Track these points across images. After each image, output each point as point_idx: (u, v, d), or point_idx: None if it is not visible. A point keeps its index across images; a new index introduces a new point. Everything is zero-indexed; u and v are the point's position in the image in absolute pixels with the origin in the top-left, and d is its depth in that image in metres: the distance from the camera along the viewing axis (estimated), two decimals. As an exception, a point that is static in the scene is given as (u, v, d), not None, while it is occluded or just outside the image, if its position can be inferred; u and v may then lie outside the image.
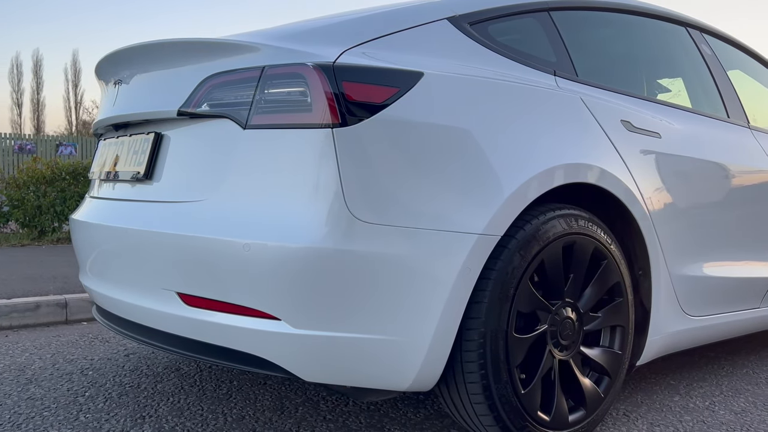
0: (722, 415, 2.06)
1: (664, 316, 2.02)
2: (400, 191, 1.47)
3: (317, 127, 1.44)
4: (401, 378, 1.51)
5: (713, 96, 2.53)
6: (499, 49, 1.84)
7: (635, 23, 2.44)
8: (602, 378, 1.83)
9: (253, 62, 1.56)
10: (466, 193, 1.54)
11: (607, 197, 1.85)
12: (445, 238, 1.49)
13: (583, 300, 1.78)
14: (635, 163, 1.93)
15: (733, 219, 2.30)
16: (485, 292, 1.54)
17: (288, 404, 2.06)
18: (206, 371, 2.41)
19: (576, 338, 1.75)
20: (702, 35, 2.63)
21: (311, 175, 1.43)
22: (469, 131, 1.59)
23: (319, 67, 1.47)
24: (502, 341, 1.57)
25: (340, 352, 1.45)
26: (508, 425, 1.60)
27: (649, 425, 1.95)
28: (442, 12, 1.81)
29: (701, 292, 2.16)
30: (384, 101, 1.49)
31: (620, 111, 1.99)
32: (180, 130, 1.71)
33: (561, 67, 1.97)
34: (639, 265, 1.96)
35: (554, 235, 1.66)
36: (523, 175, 1.61)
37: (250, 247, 1.42)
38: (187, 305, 1.55)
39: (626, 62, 2.45)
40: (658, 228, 1.96)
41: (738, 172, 2.33)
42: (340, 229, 1.40)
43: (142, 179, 1.76)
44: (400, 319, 1.46)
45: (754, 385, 2.40)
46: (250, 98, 1.53)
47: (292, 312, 1.42)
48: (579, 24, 2.18)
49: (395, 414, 1.99)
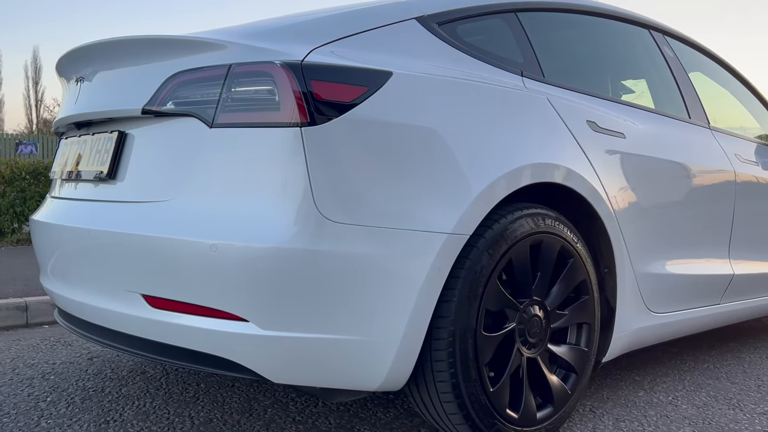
0: (685, 410, 2.10)
1: (628, 314, 2.06)
2: (369, 191, 1.46)
3: (285, 126, 1.43)
4: (371, 378, 1.51)
5: (675, 97, 2.58)
6: (467, 49, 1.85)
7: (600, 25, 2.48)
8: (569, 375, 1.85)
9: (220, 60, 1.54)
10: (435, 192, 1.54)
11: (574, 196, 1.88)
12: (414, 237, 1.49)
13: (551, 298, 1.80)
14: (600, 162, 1.96)
15: (695, 217, 2.35)
16: (454, 291, 1.55)
17: (256, 406, 2.04)
18: (172, 374, 2.37)
19: (543, 336, 1.77)
20: (664, 38, 2.69)
21: (279, 174, 1.42)
22: (438, 131, 1.59)
23: (287, 65, 1.45)
24: (471, 340, 1.58)
25: (309, 352, 1.44)
26: (477, 423, 1.61)
27: (615, 421, 1.98)
28: (411, 12, 1.81)
29: (664, 290, 2.21)
30: (353, 100, 1.49)
31: (586, 111, 2.02)
32: (144, 129, 1.68)
33: (528, 67, 1.99)
34: (604, 263, 2.00)
35: (522, 234, 1.68)
36: (491, 175, 1.62)
37: (216, 248, 1.40)
38: (152, 307, 1.53)
39: (591, 63, 2.49)
40: (622, 227, 1.99)
41: (699, 172, 2.38)
42: (308, 229, 1.39)
43: (105, 179, 1.72)
44: (370, 319, 1.46)
45: (714, 379, 2.46)
46: (216, 96, 1.51)
47: (260, 313, 1.40)
48: (545, 25, 2.21)
49: (365, 414, 1.99)
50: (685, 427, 1.94)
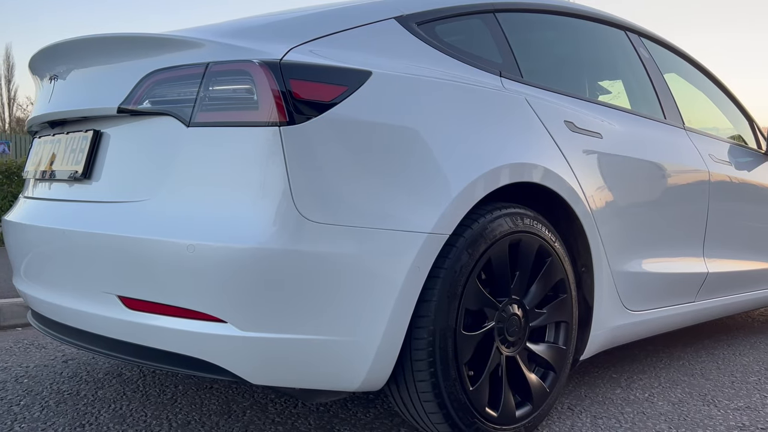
0: (661, 406, 2.13)
1: (606, 312, 2.08)
2: (348, 190, 1.46)
3: (264, 125, 1.42)
4: (351, 378, 1.51)
5: (651, 98, 2.62)
6: (446, 49, 1.86)
7: (577, 26, 2.50)
8: (548, 373, 1.87)
9: (197, 58, 1.52)
10: (414, 192, 1.54)
11: (552, 196, 1.89)
12: (394, 237, 1.49)
13: (529, 297, 1.81)
14: (578, 162, 1.98)
15: (670, 217, 2.39)
16: (434, 291, 1.55)
17: (235, 408, 2.02)
18: (150, 376, 2.34)
19: (522, 334, 1.79)
20: (640, 39, 2.72)
21: (258, 174, 1.41)
22: (417, 131, 1.59)
23: (266, 64, 1.45)
24: (450, 339, 1.58)
25: (288, 354, 1.43)
26: (456, 422, 1.62)
27: (593, 418, 2.00)
28: (390, 11, 1.81)
29: (641, 288, 2.24)
30: (332, 100, 1.48)
31: (563, 112, 2.04)
32: (120, 128, 1.65)
33: (506, 68, 2.00)
34: (582, 262, 2.02)
35: (501, 233, 1.69)
36: (471, 175, 1.63)
37: (194, 248, 1.38)
38: (129, 309, 1.51)
39: (569, 64, 2.51)
40: (599, 226, 2.01)
41: (674, 172, 2.42)
42: (288, 229, 1.39)
43: (80, 179, 1.69)
44: (350, 319, 1.46)
45: (690, 376, 2.50)
46: (194, 95, 1.49)
47: (239, 314, 1.39)
48: (524, 26, 2.22)
49: (345, 414, 1.98)
50: (661, 424, 1.97)
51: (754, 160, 3.03)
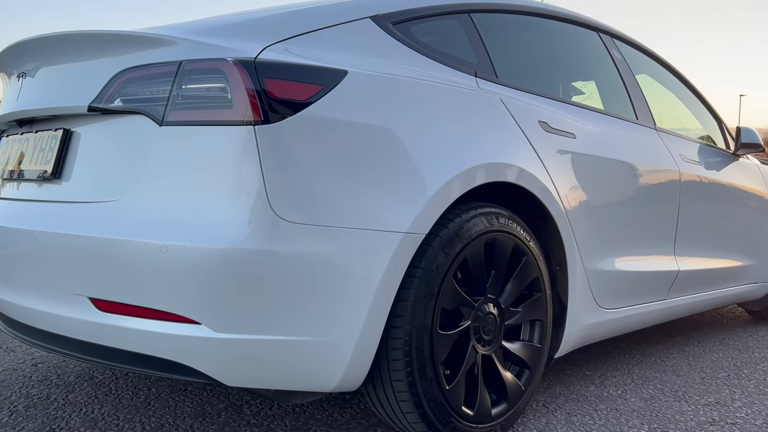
0: (633, 403, 2.16)
1: (580, 310, 2.11)
2: (325, 190, 1.45)
3: (239, 124, 1.41)
4: (328, 379, 1.50)
5: (623, 98, 2.65)
6: (422, 49, 1.86)
7: (551, 27, 2.52)
8: (523, 371, 1.88)
9: (170, 56, 1.50)
10: (391, 192, 1.54)
11: (526, 195, 1.91)
12: (370, 237, 1.48)
13: (504, 295, 1.82)
14: (552, 162, 2.00)
15: (642, 216, 2.42)
16: (410, 290, 1.55)
17: (210, 410, 2.00)
18: (122, 379, 2.31)
19: (498, 333, 1.80)
20: (613, 40, 2.76)
21: (233, 173, 1.39)
22: (393, 130, 1.59)
23: (240, 62, 1.43)
24: (427, 338, 1.58)
25: (263, 355, 1.42)
26: (433, 421, 1.62)
27: (567, 415, 2.03)
28: (365, 11, 1.81)
29: (614, 286, 2.27)
30: (308, 99, 1.47)
31: (538, 112, 2.06)
32: (91, 127, 1.63)
33: (481, 68, 2.01)
34: (556, 260, 2.04)
35: (476, 232, 1.70)
36: (447, 175, 1.63)
37: (167, 249, 1.36)
38: (100, 311, 1.48)
39: (543, 65, 2.54)
40: (573, 225, 2.03)
41: (646, 172, 2.46)
42: (263, 230, 1.37)
43: (49, 178, 1.66)
44: (326, 320, 1.45)
45: (661, 372, 2.54)
46: (166, 94, 1.47)
47: (213, 316, 1.38)
48: (498, 26, 2.24)
49: (321, 415, 1.97)
50: (634, 420, 2.00)
51: (722, 160, 3.09)
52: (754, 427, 1.96)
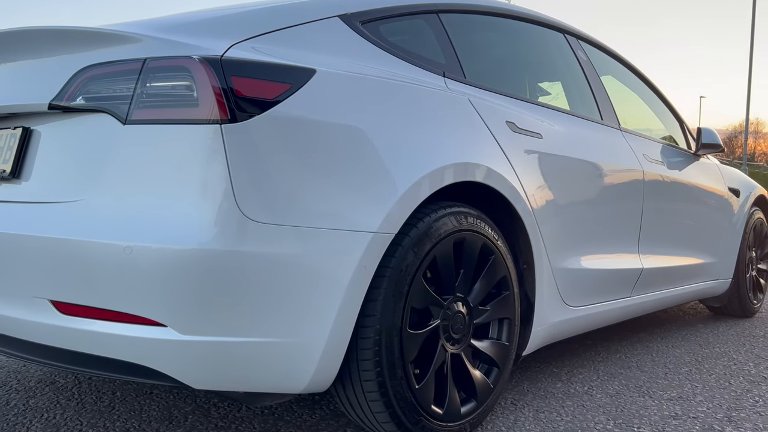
0: (599, 399, 2.20)
1: (547, 308, 2.13)
2: (293, 190, 1.44)
3: (205, 122, 1.38)
4: (297, 380, 1.49)
5: (588, 99, 2.70)
6: (390, 48, 1.86)
7: (518, 28, 2.55)
8: (491, 369, 1.90)
9: (134, 54, 1.47)
10: (360, 191, 1.54)
11: (494, 195, 1.92)
12: (340, 237, 1.48)
13: (473, 294, 1.84)
14: (519, 162, 2.02)
15: (607, 214, 2.46)
16: (380, 290, 1.55)
17: (176, 413, 1.97)
18: (85, 383, 2.26)
19: (467, 332, 1.81)
20: (578, 42, 2.80)
21: (199, 173, 1.37)
22: (362, 130, 1.59)
23: (206, 60, 1.41)
24: (396, 338, 1.58)
25: (231, 357, 1.40)
26: (403, 421, 1.62)
27: (535, 412, 2.05)
28: (334, 9, 1.80)
29: (580, 284, 2.30)
30: (275, 97, 1.46)
31: (505, 112, 2.07)
32: (51, 125, 1.58)
33: (450, 68, 2.02)
34: (524, 259, 2.06)
35: (445, 232, 1.70)
36: (416, 174, 1.63)
37: (131, 250, 1.34)
38: (63, 314, 1.44)
39: (510, 65, 2.56)
40: (540, 224, 2.06)
41: (611, 171, 2.50)
42: (230, 230, 1.36)
43: (8, 178, 1.61)
44: (295, 321, 1.44)
45: (626, 368, 2.59)
46: (130, 92, 1.44)
47: (180, 318, 1.35)
48: (466, 27, 2.25)
49: (290, 417, 1.96)
50: (600, 416, 2.03)
51: (684, 159, 3.16)
52: (715, 421, 2.01)
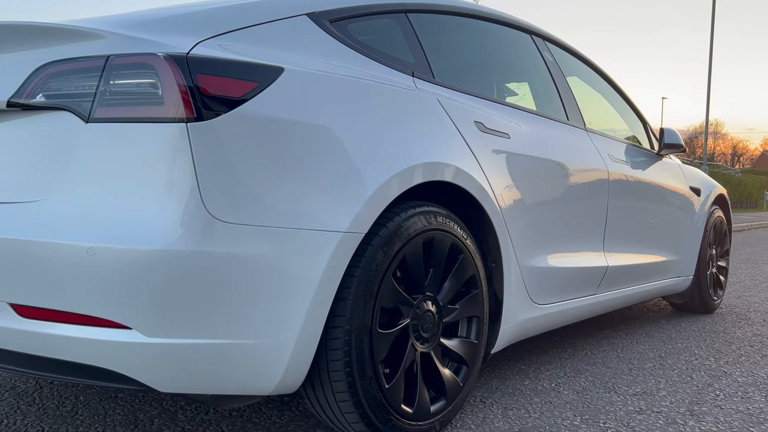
0: (566, 395, 2.23)
1: (515, 306, 2.16)
2: (261, 189, 1.43)
3: (170, 121, 1.36)
4: (266, 382, 1.47)
5: (555, 100, 2.73)
6: (359, 47, 1.85)
7: (486, 29, 2.57)
8: (461, 367, 1.91)
9: (97, 50, 1.44)
10: (329, 191, 1.53)
11: (463, 194, 1.93)
12: (309, 236, 1.47)
13: (443, 293, 1.84)
14: (487, 162, 2.03)
15: (573, 213, 2.50)
16: (350, 290, 1.55)
17: (142, 417, 1.93)
18: (47, 388, 2.20)
19: (436, 330, 1.82)
20: (545, 43, 2.83)
21: (164, 172, 1.35)
22: (331, 129, 1.58)
23: (171, 58, 1.39)
24: (366, 338, 1.58)
25: (199, 359, 1.38)
26: (373, 421, 1.62)
27: (504, 409, 2.07)
28: (302, 8, 1.79)
29: (547, 282, 2.33)
30: (243, 96, 1.44)
31: (473, 112, 2.09)
32: (10, 123, 1.54)
33: (418, 68, 2.02)
34: (492, 258, 2.07)
35: (415, 231, 1.71)
36: (385, 174, 1.63)
37: (95, 252, 1.30)
38: (23, 317, 1.40)
39: (478, 66, 2.58)
40: (508, 223, 2.08)
41: (577, 171, 2.54)
42: (197, 230, 1.33)
43: (-36, 177, 1.56)
44: (264, 322, 1.42)
45: (592, 365, 2.63)
46: (93, 89, 1.41)
47: (145, 320, 1.33)
48: (435, 27, 2.26)
49: (259, 419, 1.94)
50: (567, 412, 2.06)
51: (647, 159, 3.23)
52: (677, 415, 2.05)
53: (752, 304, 4.17)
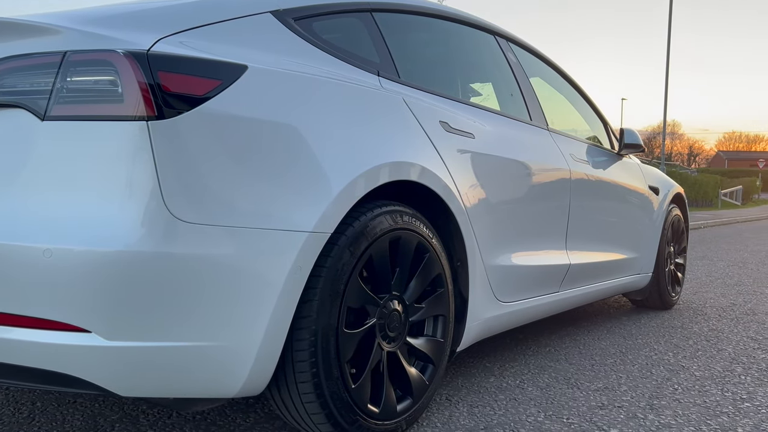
0: (531, 392, 2.26)
1: (480, 304, 2.17)
2: (225, 189, 1.41)
3: (130, 119, 1.33)
4: (230, 384, 1.45)
5: (518, 100, 2.76)
6: (324, 46, 1.84)
7: (451, 30, 2.58)
8: (427, 366, 1.92)
9: (54, 46, 1.40)
10: (295, 190, 1.51)
11: (428, 194, 1.94)
12: (274, 237, 1.45)
13: (409, 292, 1.85)
14: (452, 161, 2.04)
15: (536, 212, 2.53)
16: (316, 290, 1.54)
17: (102, 422, 1.89)
18: (2, 394, 2.13)
19: (402, 330, 1.82)
20: (508, 44, 2.86)
21: (124, 171, 1.32)
22: (296, 128, 1.57)
23: (131, 54, 1.35)
24: (333, 338, 1.57)
25: (161, 363, 1.35)
26: (339, 421, 1.61)
27: (469, 407, 2.08)
28: (266, 5, 1.77)
29: (511, 280, 2.35)
30: (205, 94, 1.42)
31: (439, 112, 2.10)
32: (-38, 121, 1.48)
33: (384, 67, 2.02)
34: (457, 256, 2.09)
35: (381, 231, 1.71)
36: (351, 173, 1.63)
37: (51, 253, 1.27)
38: (-24, 322, 1.35)
39: (443, 66, 2.59)
40: (473, 222, 2.09)
41: (539, 171, 2.57)
42: (158, 231, 1.31)
43: None
44: (228, 324, 1.40)
45: (555, 361, 2.67)
46: (49, 86, 1.37)
47: (105, 323, 1.29)
48: (400, 27, 2.26)
49: (223, 422, 1.91)
50: (531, 408, 2.08)
51: (608, 159, 3.29)
52: (638, 409, 2.10)
53: (708, 300, 4.29)
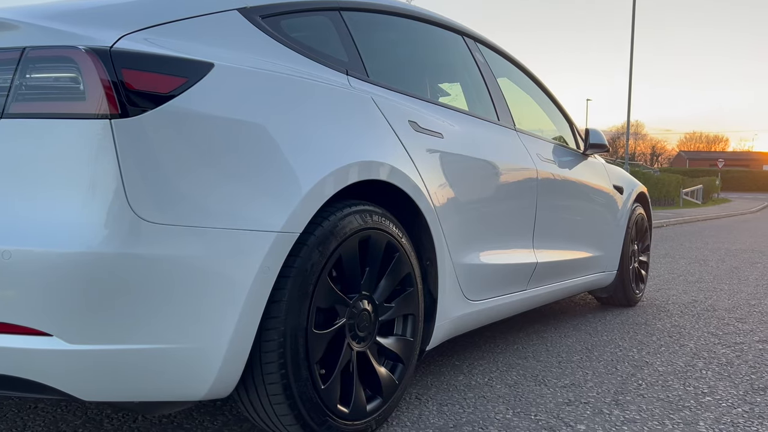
0: (499, 389, 2.28)
1: (449, 303, 2.18)
2: (191, 188, 1.38)
3: (93, 117, 1.30)
4: (197, 387, 1.43)
5: (486, 100, 2.78)
6: (292, 44, 1.83)
7: (420, 29, 2.59)
8: (397, 365, 1.92)
9: (12, 42, 1.36)
10: (262, 190, 1.50)
11: (398, 193, 1.94)
12: (241, 237, 1.43)
13: (378, 292, 1.84)
14: (421, 161, 2.05)
15: (504, 211, 2.56)
16: (284, 291, 1.52)
17: (65, 427, 1.84)
18: (-41, 401, 2.06)
19: (372, 329, 1.81)
20: (476, 44, 2.88)
21: (87, 171, 1.28)
22: (264, 127, 1.55)
23: (94, 51, 1.32)
24: (302, 339, 1.56)
25: (125, 366, 1.33)
26: (308, 422, 1.60)
27: (439, 405, 2.09)
28: (233, 2, 1.75)
29: (479, 279, 2.37)
30: (170, 91, 1.39)
31: (408, 112, 2.10)
32: None
33: (353, 66, 2.01)
34: (427, 256, 2.09)
35: (351, 230, 1.70)
36: (320, 173, 1.62)
37: (10, 255, 1.23)
38: (-70, 326, 1.30)
39: (411, 65, 2.60)
40: (442, 221, 2.10)
41: (507, 170, 2.59)
42: (122, 231, 1.28)
43: None
44: (194, 325, 1.38)
45: (523, 359, 2.70)
46: (7, 83, 1.33)
47: (67, 326, 1.26)
48: (369, 26, 2.26)
49: (190, 425, 1.88)
50: (500, 406, 2.10)
51: (574, 159, 3.34)
52: (604, 405, 2.13)
53: (671, 297, 4.39)
